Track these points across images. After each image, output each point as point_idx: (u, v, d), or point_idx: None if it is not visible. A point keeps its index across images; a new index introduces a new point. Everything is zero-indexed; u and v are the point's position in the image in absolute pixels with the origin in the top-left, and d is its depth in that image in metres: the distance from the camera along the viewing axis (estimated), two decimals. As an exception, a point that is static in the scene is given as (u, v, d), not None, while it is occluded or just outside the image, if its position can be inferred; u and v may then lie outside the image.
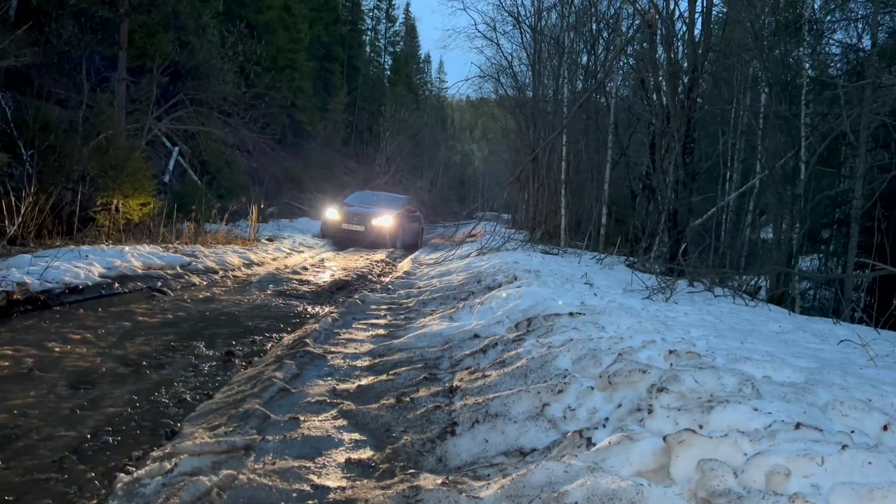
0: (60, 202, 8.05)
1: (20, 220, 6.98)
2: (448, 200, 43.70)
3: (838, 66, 10.55)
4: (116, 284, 6.22)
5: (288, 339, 4.58)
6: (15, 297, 5.11)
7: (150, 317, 5.20)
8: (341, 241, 13.52)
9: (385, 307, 6.18)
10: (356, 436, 2.57)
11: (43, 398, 3.05)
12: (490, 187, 48.99)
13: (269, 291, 6.95)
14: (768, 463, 1.73)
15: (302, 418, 2.75)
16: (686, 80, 9.02)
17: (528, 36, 19.15)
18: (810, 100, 8.80)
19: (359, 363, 3.84)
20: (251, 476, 2.11)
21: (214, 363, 3.97)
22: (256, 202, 12.84)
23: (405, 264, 11.14)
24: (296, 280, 7.97)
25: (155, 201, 9.68)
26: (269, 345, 4.55)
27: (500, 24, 20.71)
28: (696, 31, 9.52)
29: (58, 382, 3.31)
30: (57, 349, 3.97)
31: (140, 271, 6.86)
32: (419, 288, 7.58)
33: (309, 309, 6.12)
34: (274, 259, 10.00)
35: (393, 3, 45.80)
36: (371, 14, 44.49)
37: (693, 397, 2.35)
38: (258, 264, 9.17)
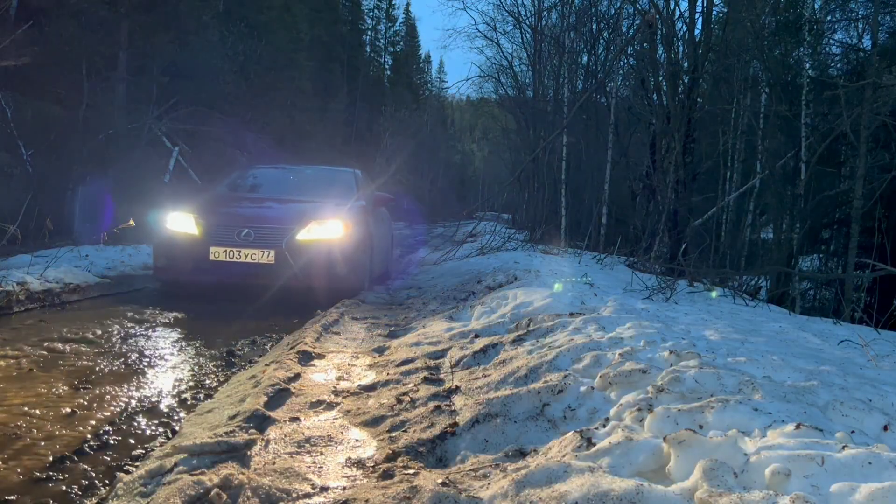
0: (60, 202, 8.06)
1: (20, 219, 6.98)
2: (448, 200, 43.71)
3: (838, 66, 10.56)
4: (117, 284, 6.22)
5: (288, 338, 4.57)
6: (15, 296, 5.11)
7: (150, 316, 5.20)
8: (202, 294, 6.09)
9: (385, 307, 6.17)
10: (356, 436, 2.57)
11: (43, 398, 3.05)
12: (490, 187, 49.05)
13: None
14: (768, 463, 1.73)
15: (302, 418, 2.75)
16: (686, 80, 9.03)
17: (528, 36, 19.18)
18: (810, 100, 8.81)
19: (359, 363, 3.84)
20: (251, 476, 2.11)
21: (214, 363, 3.97)
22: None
23: (405, 265, 11.14)
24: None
25: (155, 201, 9.66)
26: (270, 344, 4.55)
27: (500, 24, 20.77)
28: (697, 31, 9.53)
29: (58, 382, 3.30)
30: (57, 349, 3.97)
31: (141, 271, 6.86)
32: (419, 288, 7.57)
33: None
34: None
35: (393, 3, 45.88)
36: (371, 14, 44.55)
37: (693, 397, 2.35)
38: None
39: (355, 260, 6.19)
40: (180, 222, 5.99)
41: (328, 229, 6.01)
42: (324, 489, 2.08)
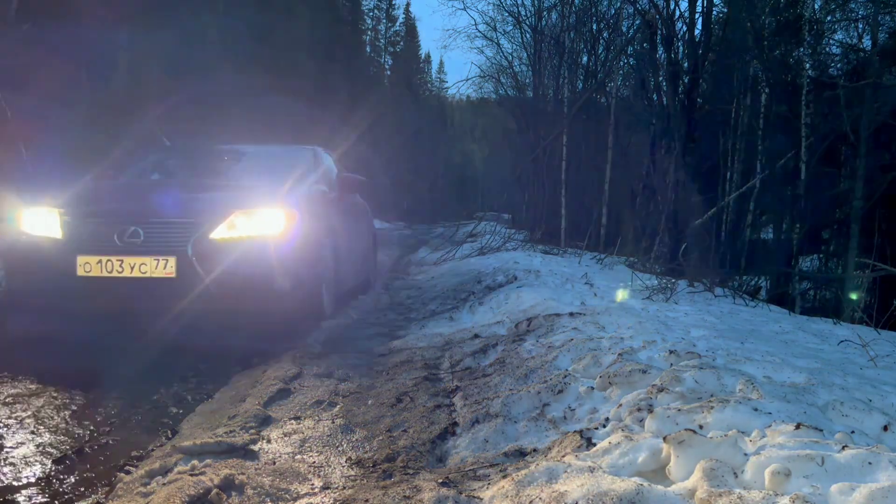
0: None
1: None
2: (448, 200, 43.73)
3: (838, 66, 10.56)
4: (116, 284, 6.20)
5: (288, 339, 4.57)
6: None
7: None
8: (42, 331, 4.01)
9: (385, 307, 6.17)
10: (356, 436, 2.57)
11: (43, 398, 3.05)
12: (490, 187, 49.05)
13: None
14: (768, 463, 1.73)
15: (301, 418, 2.75)
16: (686, 80, 9.03)
17: (528, 36, 19.19)
18: (810, 100, 8.81)
19: (358, 363, 3.84)
20: (251, 476, 2.11)
21: (215, 363, 3.96)
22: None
23: (405, 265, 11.14)
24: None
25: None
26: (270, 344, 4.54)
27: (500, 24, 20.78)
28: (697, 31, 9.53)
29: (58, 382, 3.30)
30: (57, 349, 3.96)
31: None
32: (419, 288, 7.58)
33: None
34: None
35: (393, 3, 45.90)
36: (371, 14, 44.59)
37: (693, 397, 2.35)
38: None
39: (305, 266, 4.27)
40: (39, 222, 4.04)
41: (261, 223, 4.04)
42: (324, 489, 2.08)
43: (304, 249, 4.27)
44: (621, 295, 5.47)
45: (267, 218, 4.09)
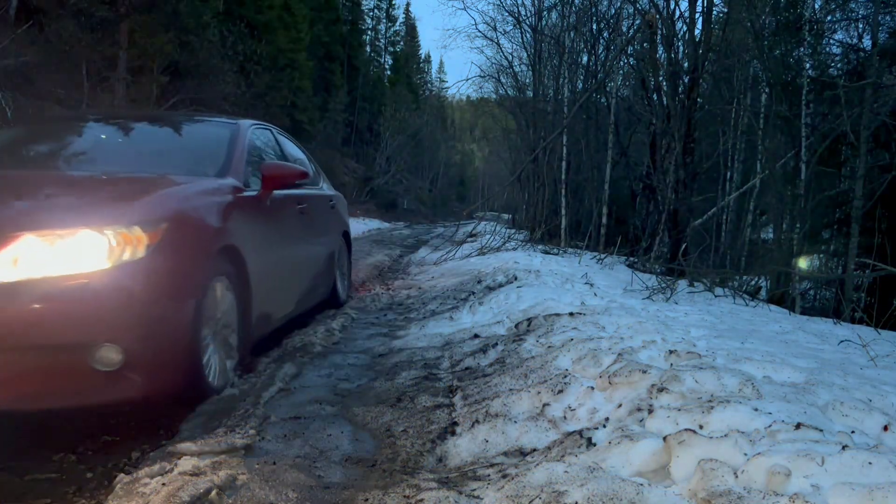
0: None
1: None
2: (448, 200, 43.75)
3: (839, 66, 10.56)
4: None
5: (287, 339, 4.58)
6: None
7: None
8: None
9: (385, 307, 6.17)
10: (356, 436, 2.57)
11: (43, 398, 3.05)
12: (490, 187, 49.05)
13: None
14: (768, 463, 1.73)
15: (301, 418, 2.75)
16: (686, 80, 9.03)
17: (528, 36, 19.18)
18: (810, 100, 8.82)
19: (358, 363, 3.84)
20: (251, 476, 2.11)
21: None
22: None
23: (405, 265, 11.14)
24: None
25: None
26: (269, 344, 4.54)
27: (500, 23, 20.77)
28: (697, 31, 9.53)
29: (58, 382, 3.30)
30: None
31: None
32: (419, 288, 7.57)
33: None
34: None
35: (393, 2, 45.99)
36: (371, 14, 44.62)
37: (693, 397, 2.35)
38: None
39: (166, 319, 2.53)
40: None
41: (72, 253, 2.31)
42: (323, 489, 2.08)
43: (165, 290, 2.52)
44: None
45: (84, 244, 2.34)
